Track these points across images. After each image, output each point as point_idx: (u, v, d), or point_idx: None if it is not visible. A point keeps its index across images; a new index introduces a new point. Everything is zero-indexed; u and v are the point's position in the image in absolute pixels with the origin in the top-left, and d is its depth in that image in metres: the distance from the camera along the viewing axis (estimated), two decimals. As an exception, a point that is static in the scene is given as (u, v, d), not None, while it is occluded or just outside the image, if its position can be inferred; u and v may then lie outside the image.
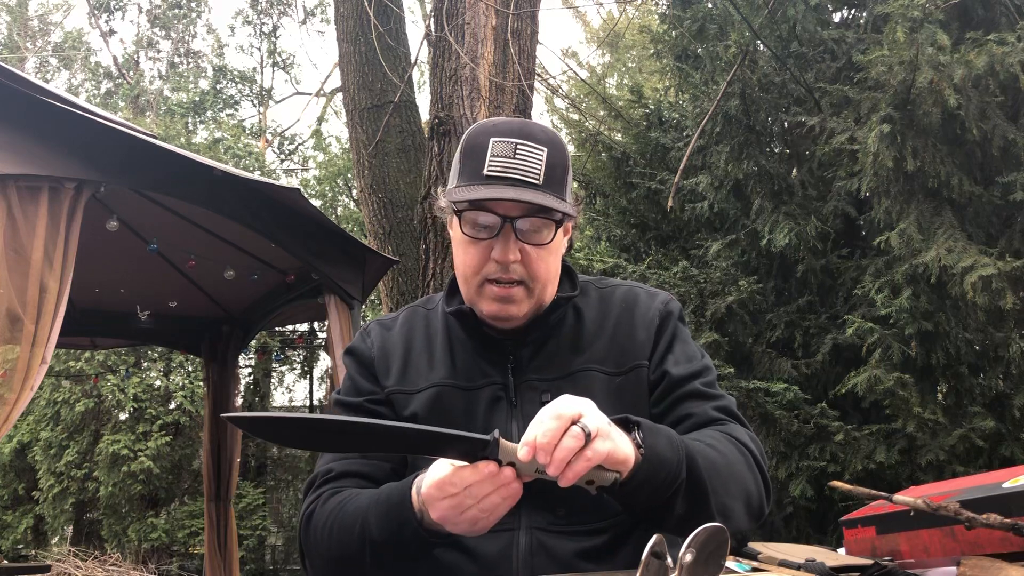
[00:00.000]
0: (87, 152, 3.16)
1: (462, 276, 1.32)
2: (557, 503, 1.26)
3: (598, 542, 1.26)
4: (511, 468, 1.06)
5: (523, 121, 1.32)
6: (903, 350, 4.63)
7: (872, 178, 4.76)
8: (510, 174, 1.24)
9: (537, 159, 1.25)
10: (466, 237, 1.28)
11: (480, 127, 1.31)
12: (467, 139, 1.31)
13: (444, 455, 1.09)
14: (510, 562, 1.24)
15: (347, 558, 1.21)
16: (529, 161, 1.25)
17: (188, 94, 16.68)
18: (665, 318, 1.38)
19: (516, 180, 1.24)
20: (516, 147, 1.25)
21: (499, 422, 1.28)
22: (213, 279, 4.82)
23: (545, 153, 1.26)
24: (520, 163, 1.25)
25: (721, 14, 5.82)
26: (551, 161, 1.27)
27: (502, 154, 1.25)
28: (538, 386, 1.30)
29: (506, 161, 1.25)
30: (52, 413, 10.94)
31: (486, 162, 1.25)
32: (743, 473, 1.23)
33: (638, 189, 6.56)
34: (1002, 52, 4.46)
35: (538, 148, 1.26)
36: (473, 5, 4.68)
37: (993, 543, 1.38)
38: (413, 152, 6.14)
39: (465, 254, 1.30)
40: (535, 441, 1.02)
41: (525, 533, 1.26)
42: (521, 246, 1.26)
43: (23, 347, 2.95)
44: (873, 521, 1.73)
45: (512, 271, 1.27)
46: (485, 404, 1.31)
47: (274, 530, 10.99)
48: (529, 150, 1.26)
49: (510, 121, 1.31)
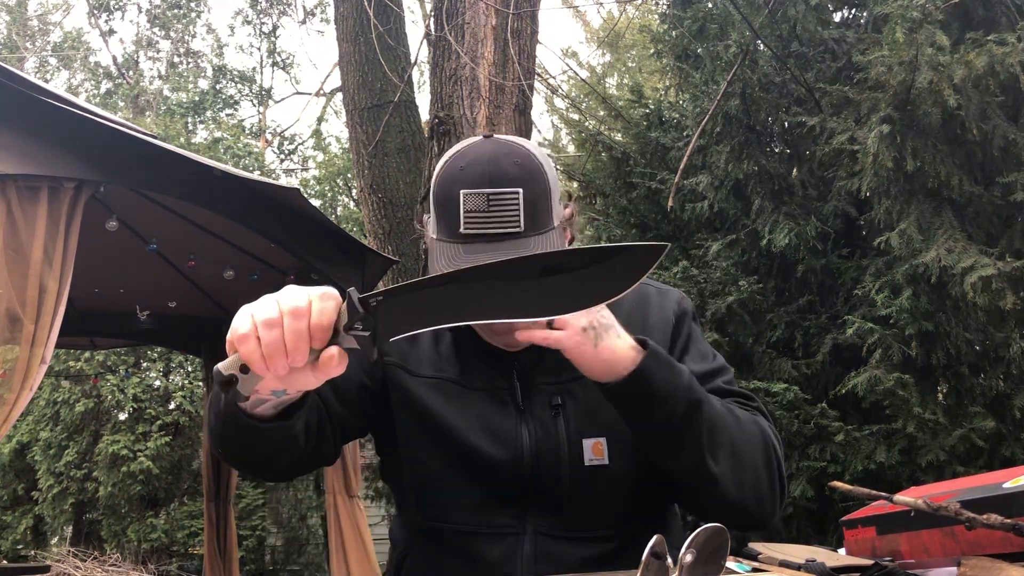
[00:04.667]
0: (87, 152, 3.16)
1: None
2: (565, 508, 1.24)
3: (605, 549, 1.24)
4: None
5: (491, 156, 1.20)
6: (903, 350, 4.63)
7: (872, 178, 4.76)
8: (487, 230, 1.17)
9: (512, 206, 1.17)
10: None
11: (448, 171, 1.22)
12: (438, 184, 1.22)
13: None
14: (514, 566, 1.22)
15: (207, 422, 1.18)
16: (505, 211, 1.17)
17: (188, 94, 16.68)
18: (680, 318, 1.34)
19: (494, 236, 1.17)
20: (488, 199, 1.17)
21: (507, 426, 1.25)
22: (213, 279, 4.82)
23: (520, 195, 1.18)
24: (495, 215, 1.17)
25: (721, 14, 5.82)
26: (529, 198, 1.18)
27: (475, 209, 1.17)
28: (547, 390, 1.27)
29: (480, 216, 1.17)
30: (52, 413, 10.93)
31: (460, 220, 1.18)
32: (756, 451, 1.19)
33: (638, 189, 6.55)
34: (1002, 52, 4.46)
35: (512, 193, 1.17)
36: (473, 5, 4.68)
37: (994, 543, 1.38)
38: (413, 152, 6.14)
39: None
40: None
41: (530, 538, 1.23)
42: None
43: (22, 347, 2.94)
44: (873, 521, 1.73)
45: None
46: (491, 407, 1.27)
47: (274, 530, 10.98)
48: (503, 198, 1.17)
49: (477, 158, 1.20)
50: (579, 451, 1.24)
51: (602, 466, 1.24)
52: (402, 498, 1.38)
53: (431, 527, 1.30)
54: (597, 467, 1.24)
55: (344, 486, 4.50)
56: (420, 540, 1.33)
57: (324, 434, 1.23)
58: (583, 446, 1.24)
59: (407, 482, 1.33)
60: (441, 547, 1.28)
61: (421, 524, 1.32)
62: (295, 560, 10.81)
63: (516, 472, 1.24)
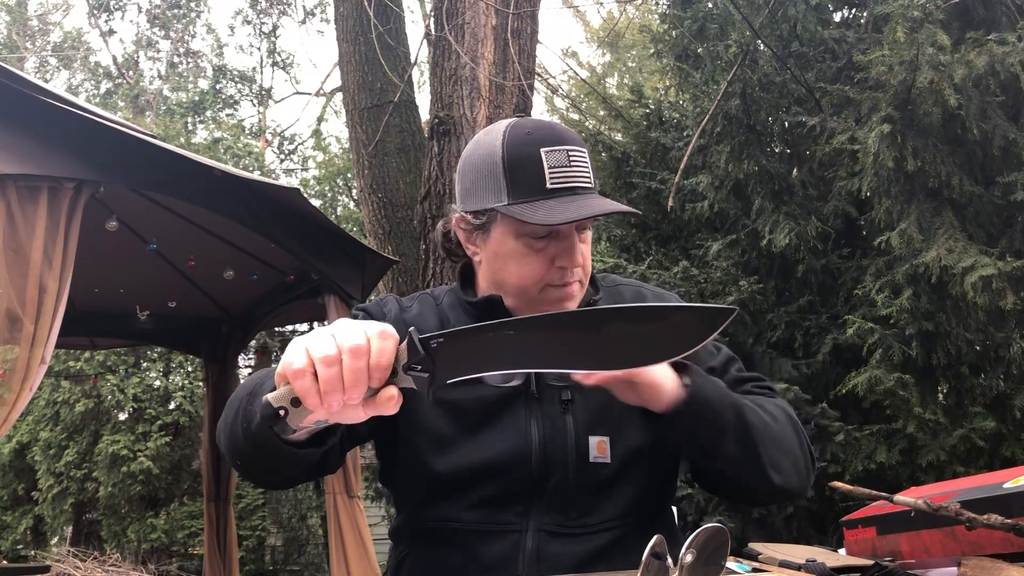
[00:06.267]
0: (87, 152, 3.16)
1: (518, 287, 1.28)
2: (569, 504, 1.25)
3: (604, 546, 1.25)
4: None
5: (551, 123, 1.29)
6: (904, 350, 4.63)
7: (872, 178, 4.76)
8: (572, 183, 1.22)
9: (585, 162, 1.25)
10: (524, 248, 1.26)
11: (514, 137, 1.26)
12: (509, 149, 1.25)
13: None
14: (516, 564, 1.22)
15: (223, 432, 1.14)
16: (582, 166, 1.24)
17: (188, 94, 16.68)
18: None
19: (580, 189, 1.23)
20: (569, 154, 1.23)
21: (518, 418, 1.26)
22: (213, 279, 4.82)
23: (587, 154, 1.26)
24: (576, 171, 1.23)
25: (721, 14, 5.82)
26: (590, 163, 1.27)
27: (558, 164, 1.22)
28: (557, 385, 1.28)
29: (565, 171, 1.22)
30: (51, 413, 10.92)
31: (546, 175, 1.22)
32: (790, 435, 1.25)
33: (638, 189, 6.55)
34: (1003, 52, 4.45)
35: (582, 151, 1.25)
36: (473, 5, 4.68)
37: (994, 543, 1.37)
38: (413, 152, 6.13)
39: (524, 265, 1.26)
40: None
41: (532, 535, 1.24)
42: (579, 246, 1.27)
43: (22, 347, 2.94)
44: (874, 521, 1.73)
45: (574, 273, 1.26)
46: (501, 399, 1.27)
47: (274, 530, 10.98)
48: (579, 154, 1.24)
49: (540, 125, 1.28)
50: (585, 448, 1.25)
51: (604, 464, 1.26)
52: (403, 500, 1.38)
53: (433, 527, 1.29)
54: (600, 464, 1.26)
55: (344, 486, 4.50)
56: (421, 540, 1.33)
57: (333, 448, 1.22)
58: (589, 443, 1.26)
59: (409, 483, 1.33)
60: (442, 546, 1.28)
61: (423, 524, 1.31)
62: (295, 560, 10.81)
63: (523, 469, 1.24)
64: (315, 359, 0.92)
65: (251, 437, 1.05)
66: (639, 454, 1.28)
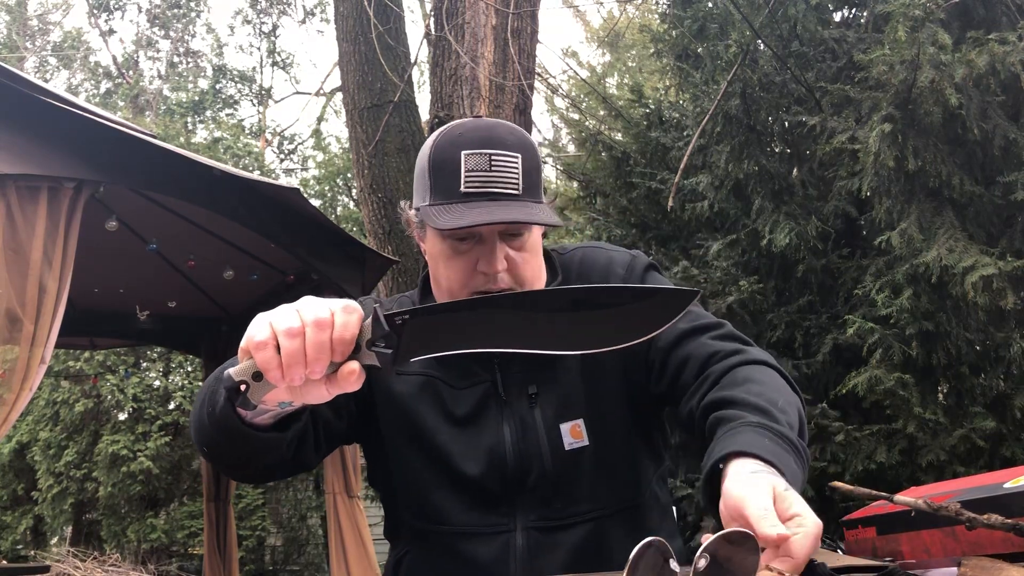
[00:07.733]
0: (87, 152, 3.16)
1: (446, 290, 1.26)
2: (552, 497, 1.24)
3: (593, 531, 1.25)
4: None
5: (489, 125, 1.24)
6: (904, 350, 4.62)
7: (873, 178, 4.75)
8: (488, 188, 1.18)
9: (513, 168, 1.20)
10: (449, 251, 1.23)
11: (445, 138, 1.24)
12: (434, 151, 1.23)
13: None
14: (507, 566, 1.22)
15: (193, 419, 1.14)
16: (506, 172, 1.19)
17: (187, 94, 16.68)
18: (628, 272, 1.33)
19: (496, 194, 1.18)
20: (490, 159, 1.19)
21: (491, 422, 1.26)
22: (213, 279, 4.82)
23: (520, 160, 1.20)
24: (497, 175, 1.19)
25: (721, 13, 5.82)
26: (526, 167, 1.21)
27: (477, 168, 1.19)
28: (521, 379, 1.27)
29: (482, 175, 1.19)
30: (51, 413, 10.93)
31: (462, 178, 1.19)
32: (792, 398, 1.14)
33: (638, 189, 6.55)
34: (1003, 51, 4.45)
35: (512, 156, 1.20)
36: (473, 5, 4.68)
37: (994, 543, 1.37)
38: (413, 152, 6.12)
39: (448, 268, 1.24)
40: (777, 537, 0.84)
41: (521, 534, 1.24)
42: (506, 252, 1.22)
43: (22, 347, 2.94)
44: (874, 521, 1.73)
45: (500, 280, 1.22)
46: (475, 403, 1.27)
47: (273, 530, 10.98)
48: (504, 159, 1.20)
49: (476, 127, 1.23)
50: (558, 438, 1.25)
51: (583, 448, 1.25)
52: (391, 502, 1.38)
53: (423, 529, 1.30)
54: (578, 450, 1.25)
55: (344, 486, 4.50)
56: (416, 541, 1.33)
57: (307, 441, 1.22)
58: (561, 432, 1.25)
59: (396, 485, 1.33)
60: (435, 548, 1.28)
61: (413, 527, 1.32)
62: (295, 560, 10.81)
63: (501, 474, 1.24)
64: (278, 331, 0.92)
65: (216, 421, 1.05)
66: (620, 428, 1.27)
